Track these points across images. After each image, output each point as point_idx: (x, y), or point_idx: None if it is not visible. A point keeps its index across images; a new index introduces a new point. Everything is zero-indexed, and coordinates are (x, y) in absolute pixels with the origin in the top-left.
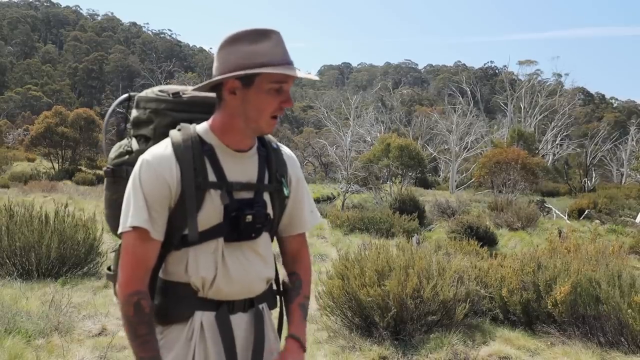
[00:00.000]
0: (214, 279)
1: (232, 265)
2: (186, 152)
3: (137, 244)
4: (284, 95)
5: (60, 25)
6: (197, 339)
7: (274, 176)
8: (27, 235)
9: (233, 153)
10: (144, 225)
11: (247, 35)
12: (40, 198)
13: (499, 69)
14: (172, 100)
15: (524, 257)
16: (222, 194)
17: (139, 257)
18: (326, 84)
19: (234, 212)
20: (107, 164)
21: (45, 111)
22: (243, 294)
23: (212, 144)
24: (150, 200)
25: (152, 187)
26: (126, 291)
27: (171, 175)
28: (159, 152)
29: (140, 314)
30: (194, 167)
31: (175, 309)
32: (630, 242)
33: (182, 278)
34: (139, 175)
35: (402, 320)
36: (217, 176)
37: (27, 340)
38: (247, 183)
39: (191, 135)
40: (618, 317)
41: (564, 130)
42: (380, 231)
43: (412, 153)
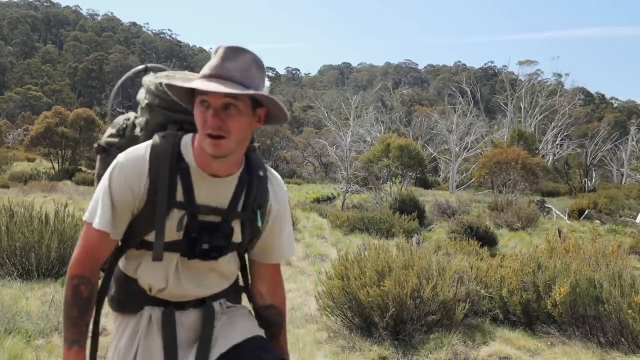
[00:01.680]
0: (162, 289)
1: (185, 278)
2: (159, 167)
3: (94, 239)
4: (211, 109)
5: (60, 25)
6: (143, 333)
7: (250, 205)
8: (27, 235)
9: (207, 177)
10: (106, 229)
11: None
12: (40, 198)
13: (499, 69)
14: (168, 99)
15: (523, 257)
16: (182, 217)
17: (91, 249)
18: (326, 84)
19: (195, 233)
20: (102, 140)
21: (45, 111)
22: (193, 297)
23: (188, 164)
24: (116, 204)
25: (119, 190)
26: (71, 272)
27: (139, 185)
28: (135, 158)
29: (76, 296)
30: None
31: (126, 301)
32: (630, 242)
33: (134, 276)
34: (111, 176)
35: (402, 321)
36: (185, 197)
37: (27, 341)
38: (216, 208)
39: (172, 148)
40: (618, 317)
41: (564, 130)
42: (380, 231)
43: (412, 153)
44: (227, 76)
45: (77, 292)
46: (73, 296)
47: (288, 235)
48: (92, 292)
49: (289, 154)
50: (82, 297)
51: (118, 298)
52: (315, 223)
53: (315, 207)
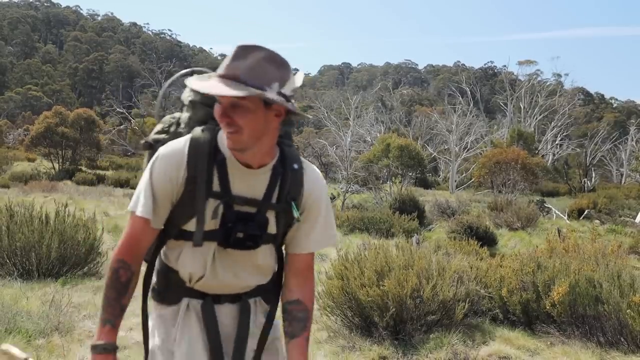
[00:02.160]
0: (200, 278)
1: (221, 268)
2: (197, 159)
3: (137, 227)
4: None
5: (61, 26)
6: (182, 319)
7: (284, 197)
8: (28, 235)
9: (242, 168)
10: (147, 216)
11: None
12: (40, 198)
13: (498, 69)
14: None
15: (523, 257)
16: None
17: (135, 237)
18: (326, 84)
19: (230, 223)
20: (149, 137)
21: (45, 111)
22: (229, 292)
23: (225, 155)
24: (156, 194)
25: (159, 182)
26: (113, 257)
27: (177, 176)
28: (174, 150)
29: (115, 280)
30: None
31: (166, 291)
32: (629, 242)
33: (174, 266)
34: (152, 167)
35: (402, 320)
36: (221, 187)
37: (27, 340)
38: (251, 199)
39: (210, 140)
40: (617, 317)
41: (564, 130)
42: (380, 231)
43: (412, 153)
44: (231, 75)
45: (116, 275)
46: (112, 279)
47: (324, 226)
48: (130, 278)
49: None
50: (120, 281)
51: (158, 288)
52: None
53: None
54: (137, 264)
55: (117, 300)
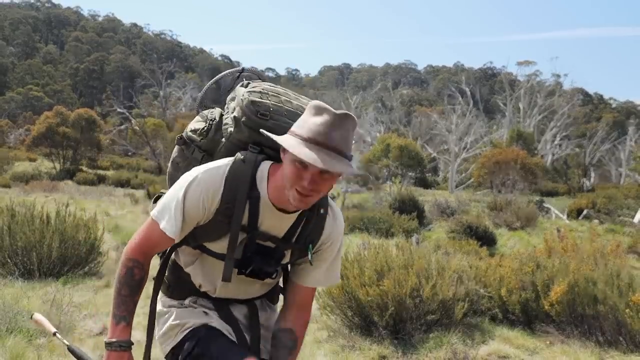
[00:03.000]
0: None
1: (232, 284)
2: (234, 194)
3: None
4: (309, 174)
5: (62, 26)
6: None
7: (304, 239)
8: (29, 235)
9: (274, 209)
10: (172, 235)
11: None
12: (41, 198)
13: (498, 69)
14: (256, 120)
15: (522, 257)
16: (243, 239)
17: (152, 243)
18: (326, 84)
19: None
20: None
21: (46, 111)
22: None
23: (260, 193)
24: (186, 215)
25: (192, 206)
26: (127, 255)
27: (211, 204)
28: (213, 177)
29: (129, 277)
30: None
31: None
32: (628, 242)
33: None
34: (187, 188)
35: (402, 320)
36: (249, 222)
37: (28, 340)
38: (273, 236)
39: (249, 176)
40: (616, 316)
41: (563, 130)
42: (380, 231)
43: (411, 153)
44: (332, 147)
45: (130, 273)
46: (126, 276)
47: (330, 268)
48: (143, 277)
49: None
50: (134, 279)
51: (170, 284)
52: None
53: None
54: (148, 263)
55: (130, 297)
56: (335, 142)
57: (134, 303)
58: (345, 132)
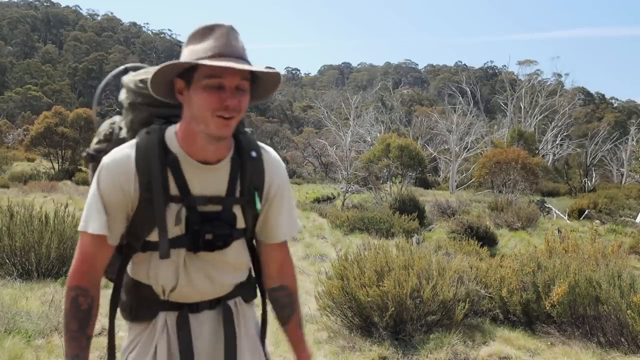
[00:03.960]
0: (174, 288)
1: (195, 274)
2: (147, 163)
3: (91, 247)
4: (226, 92)
5: (60, 25)
6: (159, 339)
7: (247, 189)
8: (27, 235)
9: (198, 165)
10: (102, 231)
11: (196, 34)
12: (40, 198)
13: (499, 69)
14: (149, 95)
15: (523, 258)
16: (178, 212)
17: (88, 259)
18: (326, 84)
19: (196, 225)
20: (89, 148)
21: (45, 111)
22: (207, 297)
23: (176, 154)
24: (107, 206)
25: (109, 193)
26: (69, 284)
27: (128, 184)
28: (120, 157)
29: (75, 309)
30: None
31: (139, 309)
32: (630, 242)
33: (145, 280)
34: (98, 179)
35: (402, 320)
36: (179, 189)
37: (27, 341)
38: (214, 197)
39: (157, 142)
40: (618, 317)
41: (564, 130)
42: (380, 231)
43: (412, 153)
44: (237, 55)
45: (75, 304)
46: (72, 309)
47: (288, 212)
48: (91, 304)
49: (289, 154)
50: (81, 310)
51: (130, 306)
52: (315, 223)
53: (315, 207)
54: (95, 288)
55: (80, 331)
56: (236, 51)
57: (86, 337)
58: (241, 42)
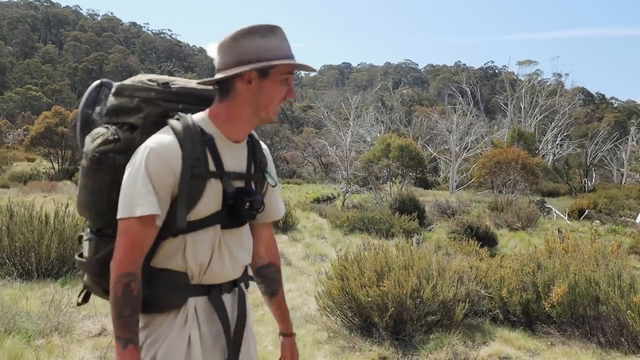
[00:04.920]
0: (208, 265)
1: (224, 251)
2: (189, 141)
3: (139, 231)
4: (289, 86)
5: (60, 25)
6: (191, 324)
7: (259, 167)
8: (27, 235)
9: (230, 143)
10: (156, 211)
11: (259, 30)
12: (40, 198)
13: (499, 69)
14: (162, 90)
15: (523, 258)
16: (225, 182)
17: (138, 241)
18: (326, 84)
19: (232, 199)
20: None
21: (45, 111)
22: (230, 277)
23: (212, 134)
24: (157, 187)
25: (159, 174)
26: (119, 271)
27: (177, 164)
28: (164, 140)
29: (128, 295)
30: (197, 155)
31: (168, 297)
32: (630, 242)
33: (176, 266)
34: (146, 162)
35: (402, 321)
36: (216, 165)
37: (27, 341)
38: (239, 173)
39: (191, 124)
40: (618, 317)
41: (564, 130)
42: (380, 231)
43: (412, 153)
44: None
45: (128, 290)
46: (124, 295)
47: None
48: (140, 289)
49: (289, 154)
50: (133, 295)
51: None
52: (315, 223)
53: (315, 207)
54: (140, 272)
55: (133, 316)
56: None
57: (137, 322)
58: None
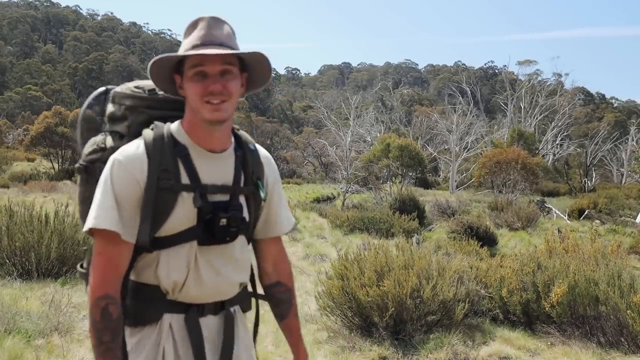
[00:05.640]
0: (184, 283)
1: (203, 268)
2: (157, 152)
3: (108, 246)
4: (210, 79)
5: (60, 25)
6: (166, 342)
7: (250, 178)
8: (27, 235)
9: (206, 153)
10: (114, 228)
11: (185, 30)
12: (40, 198)
13: (499, 69)
14: (147, 97)
15: (523, 258)
16: (194, 197)
17: (110, 260)
18: (326, 84)
19: (208, 215)
20: (81, 160)
21: (45, 111)
22: (214, 297)
23: (185, 144)
24: (121, 201)
25: (123, 186)
26: (95, 294)
27: (142, 175)
28: (131, 151)
29: (107, 319)
30: (166, 167)
31: (144, 311)
32: (630, 242)
33: (152, 280)
34: (110, 174)
35: (402, 320)
36: (190, 178)
37: (27, 340)
38: (223, 185)
39: (164, 134)
40: (618, 317)
41: (564, 130)
42: (380, 231)
43: (412, 153)
44: (218, 43)
45: (106, 314)
46: (103, 320)
47: (285, 207)
48: (119, 312)
49: (289, 154)
50: (112, 319)
51: (134, 309)
52: (315, 223)
53: (315, 207)
54: (119, 294)
55: (114, 341)
56: (217, 39)
57: (119, 347)
58: (227, 32)
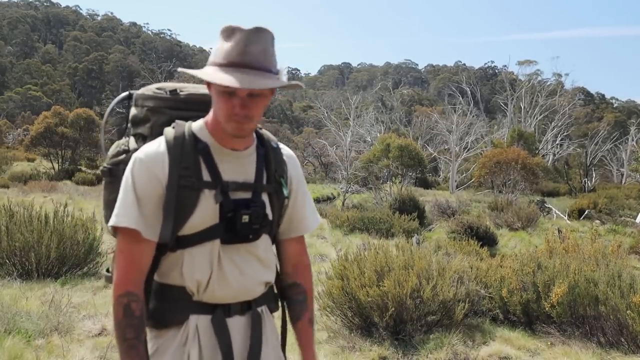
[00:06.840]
0: (208, 282)
1: (227, 267)
2: (178, 150)
3: (129, 244)
4: (237, 99)
5: (60, 25)
6: (191, 344)
7: (273, 176)
8: (27, 235)
9: (228, 152)
10: (134, 225)
11: (222, 32)
12: (40, 198)
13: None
14: (169, 98)
15: (523, 258)
16: (216, 194)
17: (132, 258)
18: (326, 84)
19: (230, 212)
20: (105, 163)
21: (45, 111)
22: (239, 297)
23: (206, 142)
24: (142, 199)
25: (144, 185)
26: (117, 292)
27: (163, 173)
28: (152, 149)
29: (129, 316)
30: (187, 165)
31: (169, 312)
32: (630, 242)
33: (177, 281)
34: (132, 173)
35: (402, 321)
36: (211, 175)
37: (27, 341)
38: (244, 183)
39: (185, 132)
40: (617, 317)
41: (564, 130)
42: (380, 231)
43: (412, 153)
44: (250, 64)
45: (128, 311)
46: (125, 317)
47: (310, 205)
48: (143, 309)
49: None
50: (135, 316)
51: (158, 311)
52: None
53: (315, 207)
54: (142, 291)
55: (138, 338)
56: (252, 59)
57: (144, 345)
58: (263, 46)
